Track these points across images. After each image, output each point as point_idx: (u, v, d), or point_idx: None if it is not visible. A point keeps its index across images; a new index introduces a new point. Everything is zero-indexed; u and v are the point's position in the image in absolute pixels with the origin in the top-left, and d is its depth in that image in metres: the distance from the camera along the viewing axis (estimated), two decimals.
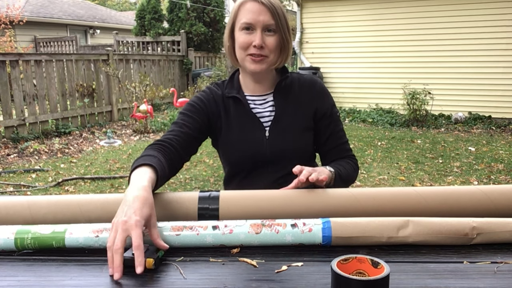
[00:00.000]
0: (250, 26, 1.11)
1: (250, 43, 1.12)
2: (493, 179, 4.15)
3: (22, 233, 0.83)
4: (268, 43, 1.12)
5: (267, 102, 1.23)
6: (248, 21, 1.11)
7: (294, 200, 0.95)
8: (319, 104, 1.23)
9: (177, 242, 0.83)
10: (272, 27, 1.12)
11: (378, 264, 0.62)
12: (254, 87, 1.23)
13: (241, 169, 1.23)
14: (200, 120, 1.19)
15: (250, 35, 1.12)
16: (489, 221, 0.85)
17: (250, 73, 1.17)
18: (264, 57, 1.13)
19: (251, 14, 1.10)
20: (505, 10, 6.89)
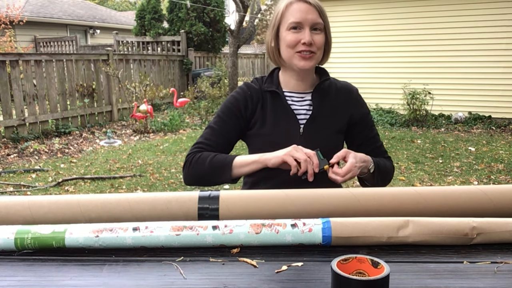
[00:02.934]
0: (299, 25, 1.16)
1: (299, 41, 1.16)
2: (493, 179, 4.15)
3: (22, 233, 0.83)
4: (316, 40, 1.17)
5: (304, 100, 1.27)
6: (296, 20, 1.16)
7: (294, 200, 0.95)
8: (355, 111, 1.29)
9: (177, 242, 0.83)
10: (319, 25, 1.17)
11: (378, 264, 0.62)
12: (294, 84, 1.27)
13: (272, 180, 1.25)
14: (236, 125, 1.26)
15: (298, 34, 1.16)
16: (489, 221, 0.85)
17: (298, 70, 1.21)
18: (313, 53, 1.18)
19: (299, 13, 1.16)
20: (505, 10, 6.89)
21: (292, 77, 1.26)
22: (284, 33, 1.19)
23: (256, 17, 11.77)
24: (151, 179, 4.32)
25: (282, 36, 1.20)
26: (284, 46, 1.20)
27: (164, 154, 5.40)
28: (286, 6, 1.18)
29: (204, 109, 7.90)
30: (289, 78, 1.27)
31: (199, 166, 1.18)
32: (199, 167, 1.18)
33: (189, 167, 1.21)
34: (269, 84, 1.26)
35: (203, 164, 1.18)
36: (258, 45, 20.13)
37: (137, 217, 0.93)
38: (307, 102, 1.26)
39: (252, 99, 1.25)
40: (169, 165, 4.86)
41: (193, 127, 7.27)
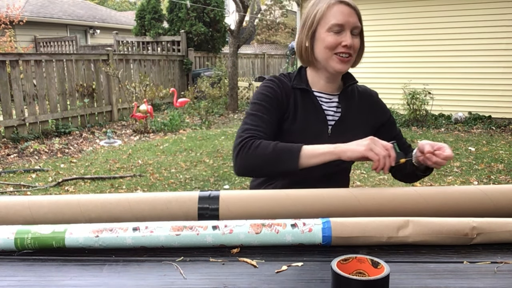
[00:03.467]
0: (341, 28, 1.16)
1: (339, 43, 1.16)
2: (493, 179, 4.15)
3: (22, 233, 0.83)
4: (355, 44, 1.18)
5: (332, 102, 1.27)
6: (339, 22, 1.15)
7: (294, 200, 0.95)
8: (379, 114, 1.31)
9: (177, 242, 0.83)
10: (358, 29, 1.18)
11: (378, 264, 0.62)
12: (323, 85, 1.27)
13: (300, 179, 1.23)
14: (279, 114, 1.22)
15: (338, 36, 1.16)
16: (489, 221, 0.85)
17: (333, 72, 1.21)
18: (350, 57, 1.19)
19: (342, 16, 1.16)
20: (505, 10, 6.89)
21: (323, 78, 1.25)
22: (323, 34, 1.18)
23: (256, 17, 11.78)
24: (151, 179, 4.32)
25: (320, 37, 1.19)
26: (321, 47, 1.19)
27: (164, 154, 5.40)
28: (328, 7, 1.18)
29: (204, 109, 7.90)
30: (319, 79, 1.26)
31: (261, 152, 1.08)
32: (260, 153, 1.08)
33: (246, 154, 1.10)
34: (298, 82, 1.25)
35: (265, 150, 1.08)
36: (258, 45, 20.14)
37: (137, 217, 0.93)
38: (334, 104, 1.27)
39: (286, 92, 1.24)
40: (169, 165, 4.86)
41: (193, 127, 7.27)
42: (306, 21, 1.23)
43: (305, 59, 1.25)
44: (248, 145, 1.11)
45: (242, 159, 1.12)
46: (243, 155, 1.11)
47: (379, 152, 1.01)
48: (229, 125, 7.64)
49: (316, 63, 1.23)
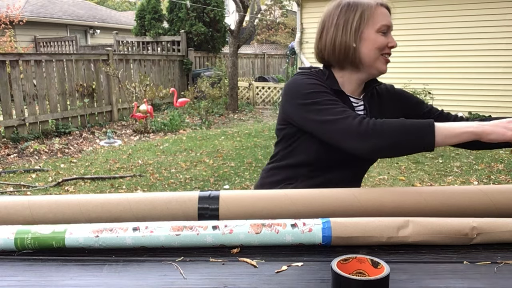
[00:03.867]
0: (387, 29, 1.18)
1: (386, 44, 1.17)
2: (493, 179, 4.15)
3: (22, 233, 0.83)
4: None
5: (359, 105, 1.25)
6: (388, 24, 1.17)
7: (294, 200, 0.95)
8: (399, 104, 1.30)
9: (177, 242, 0.83)
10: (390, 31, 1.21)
11: (378, 264, 0.62)
12: (354, 89, 1.24)
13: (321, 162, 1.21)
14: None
15: (385, 37, 1.18)
16: (489, 221, 0.85)
17: (377, 73, 1.20)
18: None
19: (387, 18, 1.18)
20: (505, 10, 6.89)
21: (357, 81, 1.22)
22: (372, 34, 1.16)
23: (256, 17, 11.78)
24: (151, 179, 4.32)
25: (369, 37, 1.16)
26: (371, 47, 1.16)
27: (164, 154, 5.40)
28: (375, 7, 1.17)
29: (204, 109, 7.90)
30: (351, 82, 1.22)
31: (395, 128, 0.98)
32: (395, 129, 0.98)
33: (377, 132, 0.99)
34: (332, 82, 1.20)
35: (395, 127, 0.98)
36: (258, 45, 20.14)
37: (137, 217, 0.93)
38: (361, 107, 1.25)
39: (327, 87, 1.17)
40: (169, 165, 4.86)
41: (193, 127, 7.27)
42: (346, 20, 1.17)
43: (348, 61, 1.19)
44: (371, 122, 1.00)
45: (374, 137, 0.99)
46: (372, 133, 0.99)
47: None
48: (229, 125, 7.64)
49: (359, 65, 1.19)
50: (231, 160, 5.05)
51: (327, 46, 1.20)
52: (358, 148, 1.02)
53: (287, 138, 1.25)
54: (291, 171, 1.26)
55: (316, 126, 1.09)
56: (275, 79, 12.39)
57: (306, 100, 1.11)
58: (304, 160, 1.23)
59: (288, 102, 1.17)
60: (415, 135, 0.97)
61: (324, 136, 1.09)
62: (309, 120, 1.10)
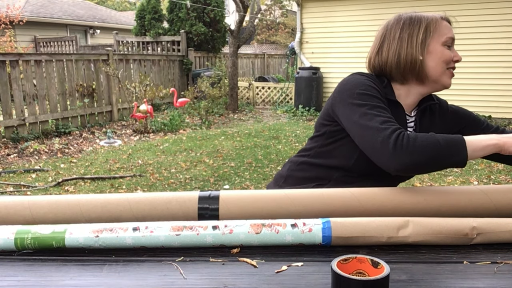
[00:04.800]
0: (452, 43, 1.16)
1: (452, 57, 1.15)
2: (493, 179, 4.15)
3: (22, 233, 0.83)
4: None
5: (410, 122, 1.23)
6: (452, 37, 1.16)
7: (294, 200, 0.95)
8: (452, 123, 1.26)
9: (177, 242, 0.83)
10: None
11: (378, 264, 0.62)
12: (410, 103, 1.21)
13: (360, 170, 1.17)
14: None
15: (450, 51, 1.16)
16: (489, 221, 0.85)
17: (442, 88, 1.18)
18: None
19: (451, 31, 1.16)
20: (505, 10, 6.89)
21: (417, 95, 1.20)
22: (439, 47, 1.14)
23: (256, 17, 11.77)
24: (151, 179, 4.32)
25: (436, 50, 1.15)
26: (438, 60, 1.15)
27: (164, 154, 5.40)
28: (440, 20, 1.17)
29: (204, 109, 7.90)
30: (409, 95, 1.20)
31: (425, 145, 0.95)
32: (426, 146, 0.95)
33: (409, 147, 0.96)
34: (390, 92, 1.18)
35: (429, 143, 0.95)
36: (258, 45, 20.14)
37: (137, 217, 0.93)
38: (411, 124, 1.22)
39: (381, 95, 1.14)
40: (169, 165, 4.86)
41: (193, 127, 7.27)
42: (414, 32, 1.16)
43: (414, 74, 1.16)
44: (406, 138, 0.97)
45: (406, 154, 0.96)
46: (405, 150, 0.96)
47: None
48: (229, 125, 7.64)
49: (425, 79, 1.16)
50: (231, 160, 5.05)
51: (389, 59, 1.17)
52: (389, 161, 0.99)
53: (328, 135, 1.20)
54: (324, 171, 1.21)
55: (356, 129, 1.06)
56: (275, 79, 12.40)
57: (356, 100, 1.08)
58: (341, 164, 1.18)
59: (339, 97, 1.13)
60: (448, 151, 0.95)
61: (359, 142, 1.06)
62: (352, 120, 1.07)
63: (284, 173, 1.32)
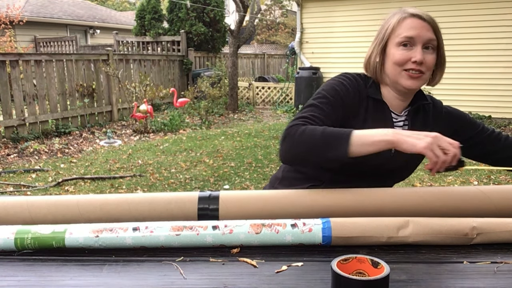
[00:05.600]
0: (410, 41, 1.10)
1: (409, 59, 1.10)
2: (493, 179, 4.15)
3: (22, 233, 0.83)
4: (427, 60, 1.10)
5: (399, 121, 1.21)
6: (409, 35, 1.09)
7: (294, 200, 0.95)
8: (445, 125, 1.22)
9: (177, 242, 0.83)
10: (432, 44, 1.10)
11: (378, 264, 0.62)
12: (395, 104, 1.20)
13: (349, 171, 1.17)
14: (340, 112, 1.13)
15: (408, 51, 1.10)
16: (489, 221, 0.85)
17: (403, 89, 1.15)
18: (422, 73, 1.11)
19: (413, 30, 1.09)
20: (505, 10, 6.89)
21: (395, 96, 1.19)
22: (393, 49, 1.12)
23: (256, 17, 11.78)
24: (151, 179, 4.32)
25: (390, 52, 1.13)
26: (390, 63, 1.13)
27: (164, 154, 5.40)
28: (399, 21, 1.12)
29: (204, 109, 7.90)
30: (391, 96, 1.18)
31: (308, 137, 1.00)
32: (308, 138, 1.00)
33: (293, 138, 1.02)
34: (375, 92, 1.17)
35: (312, 135, 1.00)
36: (258, 45, 20.14)
37: (136, 218, 0.93)
38: (400, 123, 1.21)
39: (360, 96, 1.16)
40: (169, 165, 4.86)
41: (193, 127, 7.27)
42: (378, 35, 1.17)
43: (373, 74, 1.18)
44: (295, 131, 1.02)
45: (289, 145, 1.03)
46: (290, 141, 1.03)
47: (439, 154, 0.93)
48: (229, 125, 7.64)
49: (387, 80, 1.17)
50: (231, 160, 5.05)
51: (365, 59, 1.19)
52: (279, 154, 1.07)
53: None
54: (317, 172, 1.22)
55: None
56: (275, 79, 12.39)
57: (311, 100, 1.14)
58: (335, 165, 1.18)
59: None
60: (327, 144, 0.98)
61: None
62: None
63: (279, 175, 1.33)
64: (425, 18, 1.11)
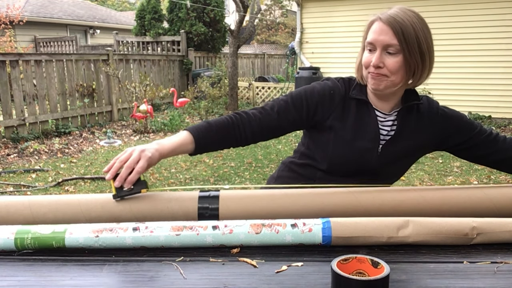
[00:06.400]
0: (372, 46, 1.11)
1: (370, 62, 1.12)
2: (493, 179, 4.15)
3: (22, 233, 0.83)
4: (387, 63, 1.09)
5: (387, 120, 1.21)
6: (369, 41, 1.11)
7: (294, 200, 0.95)
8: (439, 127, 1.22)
9: (177, 242, 0.83)
10: (392, 48, 1.08)
11: (378, 264, 0.62)
12: (379, 104, 1.21)
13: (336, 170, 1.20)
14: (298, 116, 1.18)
15: (371, 55, 1.11)
16: (489, 221, 0.85)
17: (372, 90, 1.17)
18: (383, 76, 1.11)
19: (373, 34, 1.11)
20: (505, 10, 6.89)
21: (374, 96, 1.20)
22: (362, 51, 1.16)
23: (256, 17, 11.77)
24: (151, 179, 4.32)
25: (360, 54, 1.17)
26: (358, 64, 1.17)
27: None
28: (368, 25, 1.15)
29: (204, 109, 7.90)
30: (373, 97, 1.20)
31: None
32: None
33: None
34: (358, 92, 1.20)
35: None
36: (258, 45, 20.14)
37: (137, 216, 0.93)
38: (389, 122, 1.21)
39: (332, 99, 1.19)
40: (169, 165, 4.86)
41: None
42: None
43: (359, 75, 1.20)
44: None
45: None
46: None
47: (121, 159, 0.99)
48: None
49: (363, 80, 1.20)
50: (231, 160, 5.05)
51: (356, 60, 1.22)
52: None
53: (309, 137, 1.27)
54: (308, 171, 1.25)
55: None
56: (275, 79, 12.39)
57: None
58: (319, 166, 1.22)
59: None
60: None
61: None
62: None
63: (275, 175, 1.37)
64: (387, 21, 1.09)
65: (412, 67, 1.11)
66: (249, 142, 1.19)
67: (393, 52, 1.09)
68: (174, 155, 1.08)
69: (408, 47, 1.08)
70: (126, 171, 0.95)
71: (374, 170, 1.19)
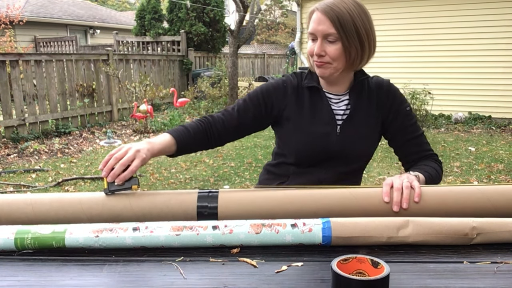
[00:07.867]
0: (313, 36, 1.17)
1: (313, 51, 1.17)
2: (493, 179, 4.15)
3: (22, 233, 0.83)
4: (329, 51, 1.15)
5: (342, 101, 1.26)
6: (310, 31, 1.17)
7: (294, 200, 0.95)
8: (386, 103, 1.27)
9: (177, 242, 0.83)
10: (331, 36, 1.13)
11: (378, 264, 0.62)
12: (331, 88, 1.26)
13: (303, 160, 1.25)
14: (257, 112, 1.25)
15: (314, 44, 1.17)
16: (489, 221, 0.85)
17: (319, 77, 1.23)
18: (326, 63, 1.17)
19: (313, 24, 1.16)
20: (505, 10, 6.89)
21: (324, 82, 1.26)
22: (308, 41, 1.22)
23: (256, 17, 11.77)
24: (151, 179, 4.32)
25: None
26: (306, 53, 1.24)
27: None
28: (309, 16, 1.19)
29: (204, 109, 7.90)
30: (323, 83, 1.27)
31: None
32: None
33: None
34: (309, 81, 1.26)
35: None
36: (258, 45, 20.14)
37: (137, 214, 0.93)
38: (344, 102, 1.25)
39: (285, 92, 1.25)
40: (169, 165, 4.86)
41: None
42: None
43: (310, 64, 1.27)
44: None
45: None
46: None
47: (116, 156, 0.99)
48: None
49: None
50: (231, 160, 5.05)
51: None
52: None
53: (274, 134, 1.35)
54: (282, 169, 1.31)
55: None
56: (275, 79, 12.38)
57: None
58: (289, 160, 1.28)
59: None
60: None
61: None
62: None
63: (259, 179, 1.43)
64: (323, 11, 1.14)
65: (353, 52, 1.17)
66: (218, 144, 1.25)
67: (332, 40, 1.14)
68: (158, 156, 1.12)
69: (346, 35, 1.13)
70: (120, 168, 0.97)
71: (338, 154, 1.23)
